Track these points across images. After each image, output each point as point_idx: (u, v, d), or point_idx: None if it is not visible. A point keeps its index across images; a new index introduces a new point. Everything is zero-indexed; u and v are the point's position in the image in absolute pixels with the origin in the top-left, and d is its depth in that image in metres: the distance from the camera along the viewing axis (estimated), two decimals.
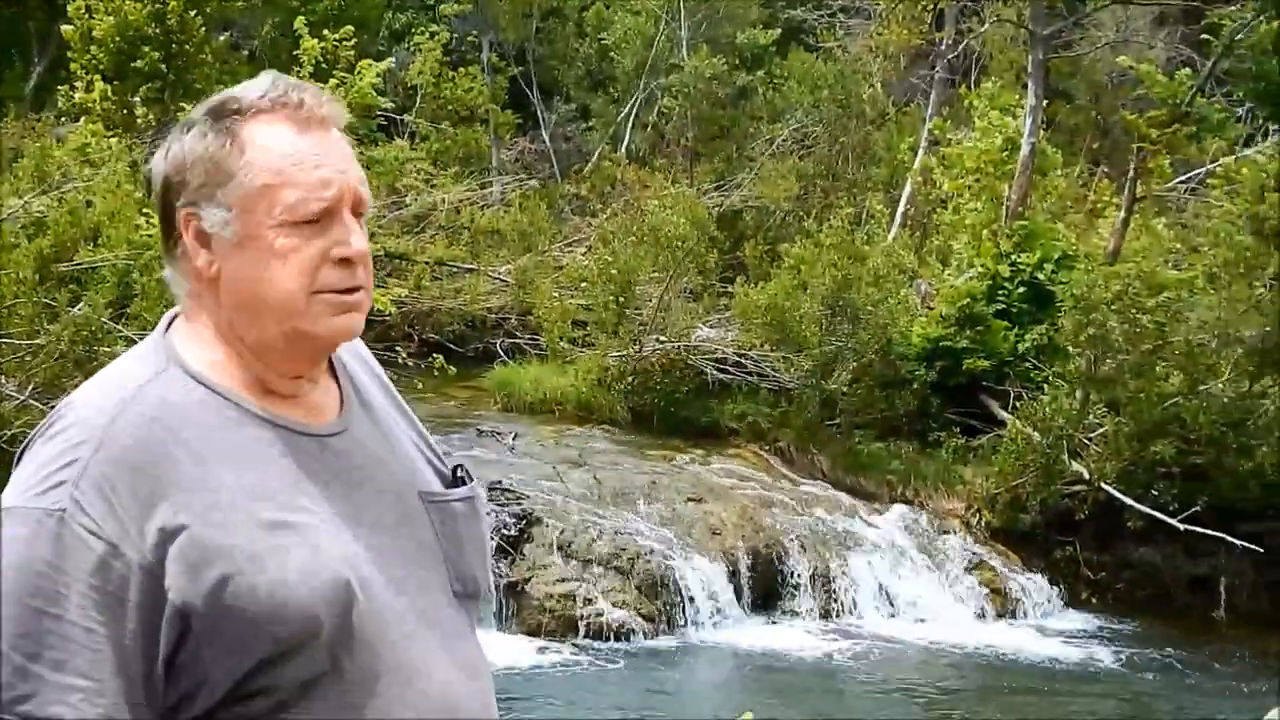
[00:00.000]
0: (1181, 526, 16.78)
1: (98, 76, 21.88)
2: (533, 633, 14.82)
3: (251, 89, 2.39)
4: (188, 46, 22.31)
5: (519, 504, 15.92)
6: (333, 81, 19.31)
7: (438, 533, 2.49)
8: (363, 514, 2.39)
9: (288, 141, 2.35)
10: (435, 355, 18.54)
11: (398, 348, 17.89)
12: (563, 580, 15.16)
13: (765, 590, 16.11)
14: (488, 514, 2.67)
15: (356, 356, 2.61)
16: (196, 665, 2.23)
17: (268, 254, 2.32)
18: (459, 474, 2.60)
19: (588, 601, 15.02)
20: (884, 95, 30.38)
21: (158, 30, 21.96)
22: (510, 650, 14.34)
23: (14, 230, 15.57)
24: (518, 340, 21.71)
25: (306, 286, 2.33)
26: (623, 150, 30.36)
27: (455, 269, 22.99)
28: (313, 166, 2.34)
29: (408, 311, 20.77)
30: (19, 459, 2.34)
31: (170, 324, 2.47)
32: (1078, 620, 17.03)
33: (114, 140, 19.89)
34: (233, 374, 2.38)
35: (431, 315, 21.48)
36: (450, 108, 29.37)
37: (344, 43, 21.08)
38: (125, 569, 2.20)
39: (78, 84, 22.08)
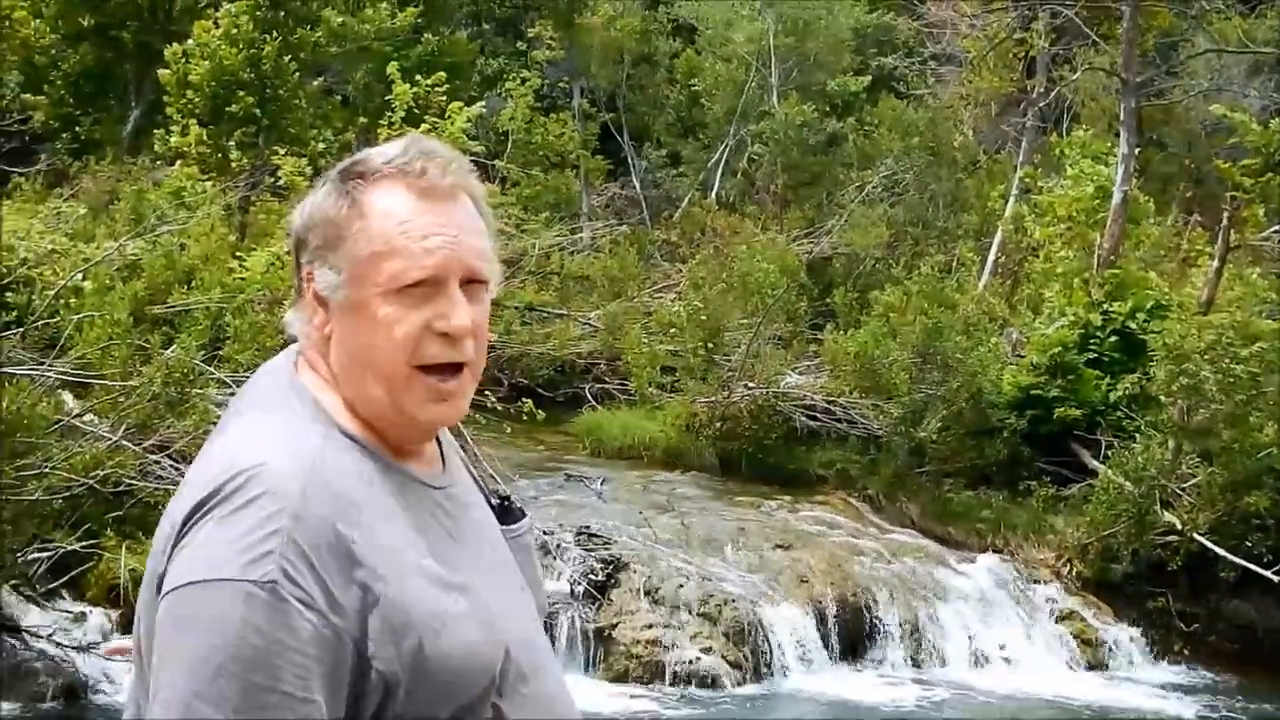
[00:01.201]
0: (1276, 578, 16.55)
1: (193, 121, 22.11)
2: (619, 679, 14.77)
3: (381, 152, 2.40)
4: (282, 92, 22.51)
5: (606, 549, 15.90)
6: (424, 126, 19.40)
7: (520, 566, 2.54)
8: (486, 563, 2.43)
9: (402, 209, 2.35)
10: (524, 400, 18.56)
11: (487, 392, 17.90)
12: (650, 626, 15.11)
13: (853, 638, 15.99)
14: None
15: None
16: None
17: (372, 322, 2.33)
18: (508, 504, 2.62)
19: (674, 647, 14.96)
20: (975, 142, 30.28)
21: (252, 75, 22.17)
22: (596, 696, 14.29)
23: (109, 273, 15.73)
24: (606, 385, 21.72)
25: (407, 359, 2.33)
26: (713, 196, 30.38)
27: (545, 314, 23.06)
28: (421, 236, 2.33)
29: (497, 356, 20.79)
30: (185, 530, 2.27)
31: (295, 362, 2.47)
32: (1169, 673, 16.81)
33: (209, 184, 20.10)
34: (361, 425, 2.38)
35: (521, 360, 21.51)
36: (541, 153, 29.46)
37: (436, 88, 21.21)
38: (336, 639, 2.19)
39: (173, 128, 22.31)
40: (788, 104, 30.12)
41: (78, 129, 26.15)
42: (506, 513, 2.61)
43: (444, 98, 21.07)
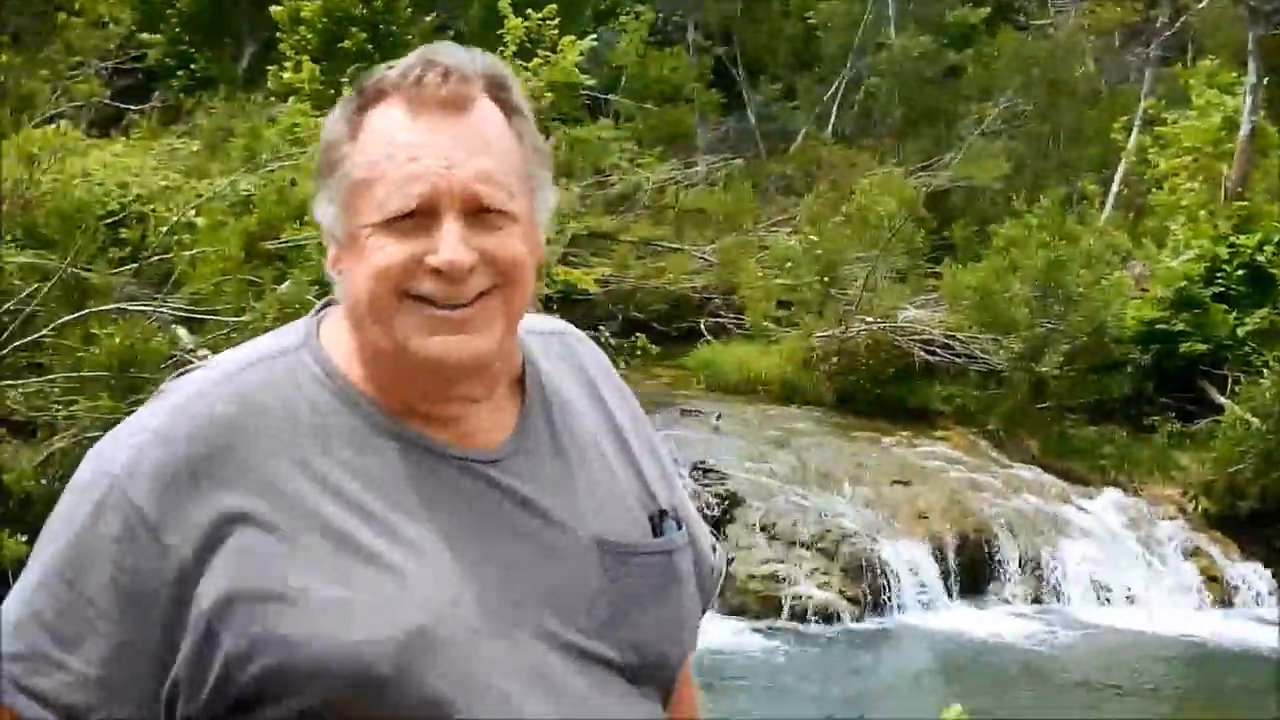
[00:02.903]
0: None
1: (306, 57, 22.07)
2: (736, 613, 14.67)
3: (399, 67, 2.07)
4: (394, 27, 22.43)
5: (723, 484, 15.77)
6: (536, 61, 19.25)
7: (612, 590, 2.09)
8: (488, 553, 2.03)
9: (395, 130, 2.03)
10: (638, 335, 18.43)
11: (601, 327, 17.77)
12: (766, 561, 14.98)
13: (973, 575, 15.78)
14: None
15: (578, 374, 2.27)
16: (220, 690, 1.95)
17: (360, 256, 2.02)
18: (661, 522, 2.19)
19: (792, 583, 14.82)
20: (1097, 74, 29.79)
21: (364, 11, 22.14)
22: (713, 631, 14.19)
23: (222, 209, 15.72)
24: (722, 320, 21.53)
25: (389, 288, 2.00)
26: (829, 130, 30.07)
27: (659, 248, 22.88)
28: (407, 159, 2.01)
29: (612, 291, 20.69)
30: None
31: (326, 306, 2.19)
32: None
33: (321, 120, 20.04)
34: (369, 377, 2.08)
35: (635, 295, 21.36)
36: (655, 87, 29.25)
37: (547, 22, 21.03)
38: (161, 559, 1.95)
39: (287, 65, 22.30)
40: (905, 36, 29.74)
41: (193, 66, 26.22)
42: (655, 527, 2.18)
43: (556, 32, 20.88)
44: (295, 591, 1.93)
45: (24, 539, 11.45)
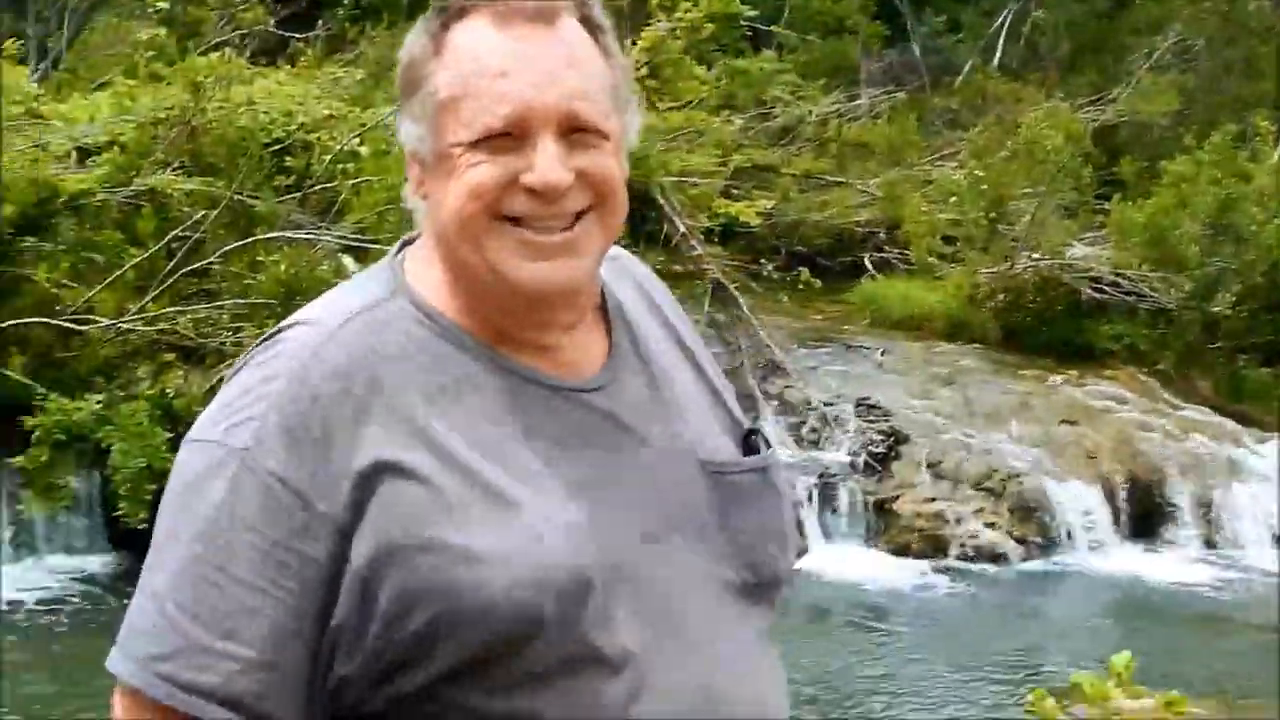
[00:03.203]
0: None
1: None
2: (900, 552, 14.58)
3: None
4: None
5: (887, 421, 15.63)
6: None
7: (719, 510, 2.08)
8: (612, 484, 2.02)
9: (481, 44, 1.99)
10: (801, 269, 18.27)
11: (763, 260, 17.64)
12: (932, 499, 14.83)
13: (1143, 518, 15.51)
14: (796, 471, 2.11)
15: (644, 297, 2.25)
16: (381, 649, 1.92)
17: (451, 174, 1.98)
18: (752, 440, 2.19)
19: (958, 522, 14.66)
20: (1271, 7, 29.12)
21: None
22: (877, 568, 14.24)
23: (385, 138, 15.74)
24: (886, 255, 21.27)
25: (482, 208, 1.97)
26: (994, 63, 29.63)
27: (822, 182, 22.63)
28: (496, 74, 1.97)
29: (774, 224, 20.47)
30: (229, 378, 2.08)
31: (406, 245, 2.14)
32: None
33: None
34: (466, 311, 2.04)
35: (798, 228, 21.12)
36: (819, 19, 28.95)
37: None
38: (311, 524, 1.91)
39: None
40: None
41: None
42: (745, 447, 2.17)
43: None
44: (449, 538, 1.90)
45: None
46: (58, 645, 11.35)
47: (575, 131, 1.99)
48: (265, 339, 2.05)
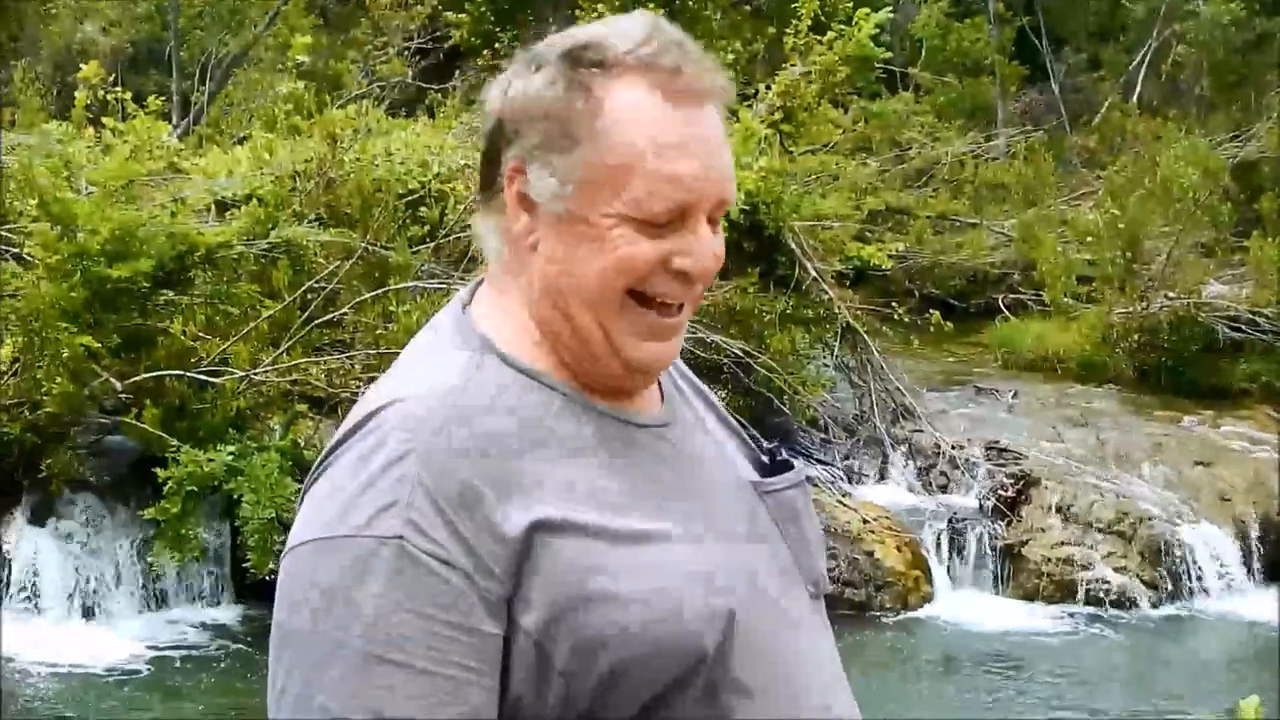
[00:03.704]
0: None
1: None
2: (1029, 596, 14.44)
3: (622, 36, 2.01)
4: (691, 2, 22.48)
5: (1017, 464, 15.53)
6: (830, 35, 19.12)
7: (780, 528, 2.13)
8: (714, 514, 2.06)
9: (653, 118, 1.97)
10: (932, 311, 18.26)
11: (895, 303, 17.64)
12: (1062, 544, 14.70)
13: (1277, 561, 15.29)
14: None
15: None
16: (564, 709, 1.93)
17: (597, 242, 1.98)
18: (778, 457, 2.24)
19: (1087, 566, 14.54)
20: None
21: None
22: (1006, 614, 14.10)
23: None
24: (1020, 295, 21.19)
25: (625, 284, 1.99)
26: (1134, 100, 29.39)
27: (958, 223, 22.60)
28: (675, 156, 1.96)
29: (909, 267, 20.49)
30: (318, 474, 2.01)
31: (473, 294, 2.14)
32: None
33: None
34: (547, 357, 2.05)
35: (932, 270, 21.14)
36: (956, 59, 28.88)
37: None
38: (482, 600, 1.89)
39: None
40: (1214, 3, 28.90)
41: (496, 46, 26.52)
42: (774, 467, 2.22)
43: (851, 4, 20.72)
44: (614, 587, 1.91)
45: None
46: (190, 699, 11.52)
47: (715, 217, 2.03)
48: (354, 426, 1.99)
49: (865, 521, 14.24)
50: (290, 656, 1.92)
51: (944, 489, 15.62)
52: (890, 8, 22.41)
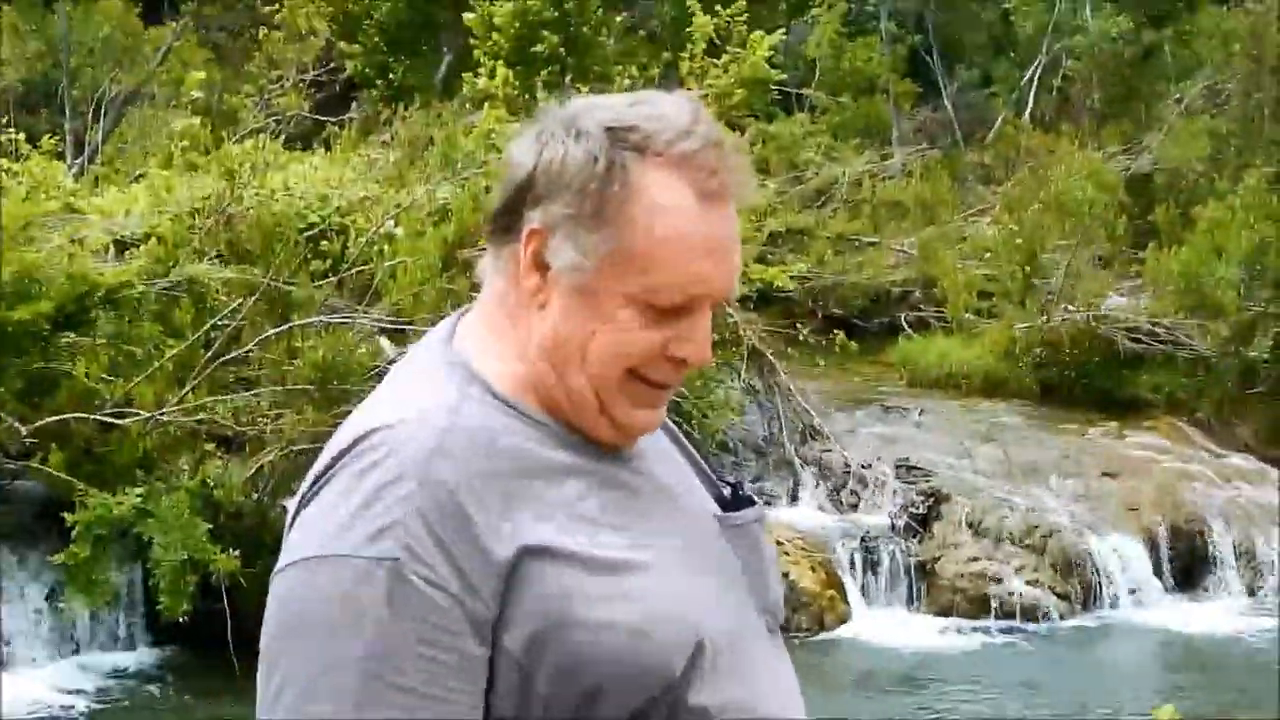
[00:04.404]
0: None
1: (500, 63, 22.23)
2: (943, 612, 14.57)
3: (666, 124, 2.06)
4: (585, 30, 22.51)
5: (927, 481, 15.64)
6: (725, 58, 19.22)
7: (741, 560, 2.18)
8: (684, 545, 2.11)
9: (684, 215, 2.03)
10: (836, 332, 18.33)
11: (799, 324, 17.71)
12: (974, 559, 14.82)
13: (1186, 568, 15.47)
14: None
15: None
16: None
17: (602, 319, 2.05)
18: (740, 492, 2.28)
19: (1000, 580, 14.66)
20: None
21: (556, 14, 22.21)
22: (920, 631, 14.21)
23: (420, 218, 15.86)
24: (922, 313, 21.32)
25: (624, 367, 2.06)
26: (1026, 116, 29.67)
27: (857, 243, 22.70)
28: (697, 255, 2.03)
29: (811, 287, 20.57)
30: (305, 501, 2.05)
31: (455, 326, 2.19)
32: None
33: (515, 125, 20.16)
34: (531, 397, 2.10)
35: (834, 290, 21.21)
36: (850, 79, 29.05)
37: (737, 18, 20.99)
38: (470, 623, 1.94)
39: (481, 71, 22.47)
40: (1101, 17, 29.24)
41: (391, 76, 26.48)
42: (734, 501, 2.27)
43: (744, 27, 20.84)
44: (596, 613, 1.97)
45: (235, 553, 11.67)
46: None
47: (717, 302, 2.10)
48: (345, 449, 2.03)
49: (779, 543, 14.25)
50: (284, 669, 1.97)
51: (855, 508, 15.70)
52: (783, 29, 22.55)
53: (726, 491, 2.28)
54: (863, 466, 15.92)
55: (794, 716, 2.18)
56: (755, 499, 2.29)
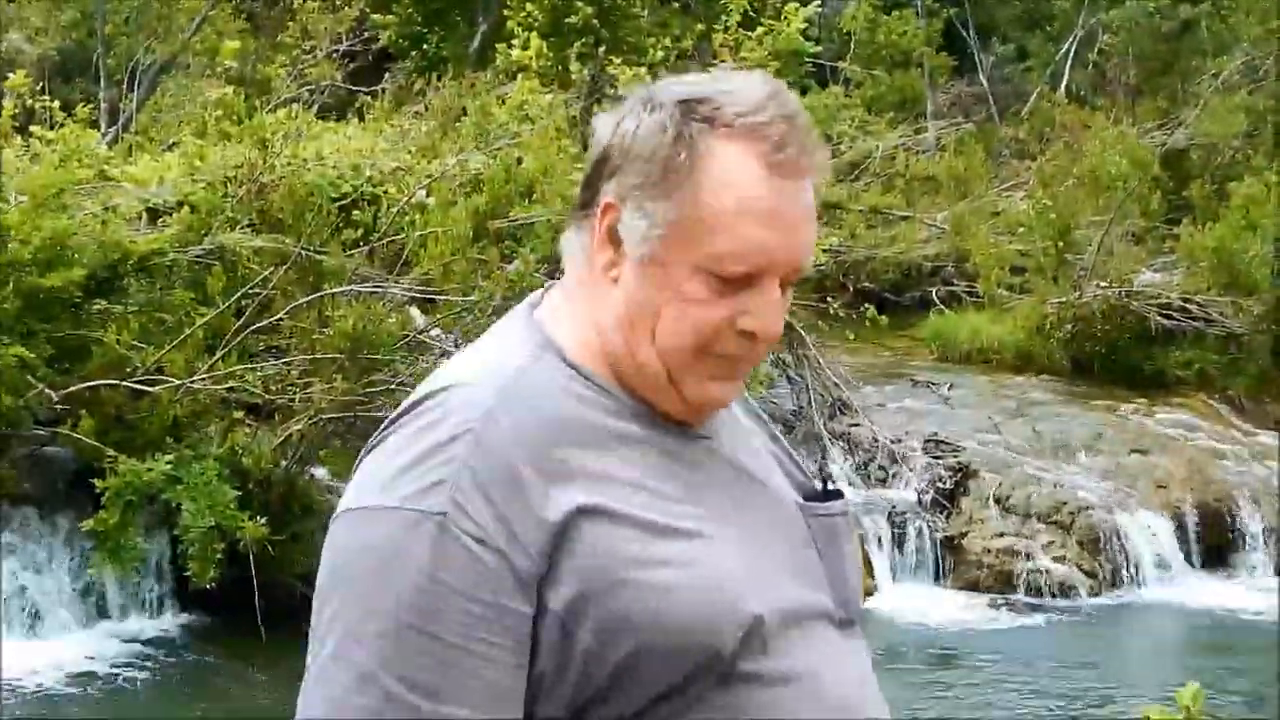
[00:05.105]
0: None
1: (534, 34, 22.22)
2: (969, 588, 14.55)
3: (738, 98, 2.08)
4: (619, 1, 22.46)
5: (955, 456, 15.62)
6: (760, 30, 19.17)
7: (819, 550, 2.19)
8: (751, 524, 2.12)
9: (748, 183, 2.04)
10: (867, 306, 18.29)
11: (830, 298, 17.68)
12: (1001, 535, 14.81)
13: (1214, 546, 15.43)
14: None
15: None
16: (581, 687, 2.00)
17: (669, 291, 2.07)
18: (829, 486, 2.29)
19: (1027, 556, 14.64)
20: None
21: None
22: (946, 606, 14.18)
23: (451, 188, 15.88)
24: (954, 288, 21.27)
25: (694, 344, 2.07)
26: (1061, 90, 29.55)
27: (890, 216, 22.64)
28: (760, 223, 2.04)
29: (842, 261, 20.51)
30: (373, 446, 2.10)
31: (543, 295, 2.23)
32: None
33: (549, 97, 20.16)
34: (605, 368, 2.12)
35: (866, 264, 21.16)
36: (884, 52, 28.98)
37: None
38: (515, 581, 1.97)
39: (515, 42, 22.47)
40: None
41: (425, 47, 26.51)
42: (823, 495, 2.27)
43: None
44: (646, 574, 1.98)
45: (263, 521, 11.72)
46: (136, 711, 11.43)
47: (788, 281, 2.12)
48: (414, 403, 2.09)
49: None
50: (331, 612, 2.01)
51: (883, 483, 15.67)
52: (819, 2, 22.47)
53: (818, 485, 2.30)
54: (891, 441, 15.89)
55: (858, 707, 2.15)
56: (843, 493, 2.30)
